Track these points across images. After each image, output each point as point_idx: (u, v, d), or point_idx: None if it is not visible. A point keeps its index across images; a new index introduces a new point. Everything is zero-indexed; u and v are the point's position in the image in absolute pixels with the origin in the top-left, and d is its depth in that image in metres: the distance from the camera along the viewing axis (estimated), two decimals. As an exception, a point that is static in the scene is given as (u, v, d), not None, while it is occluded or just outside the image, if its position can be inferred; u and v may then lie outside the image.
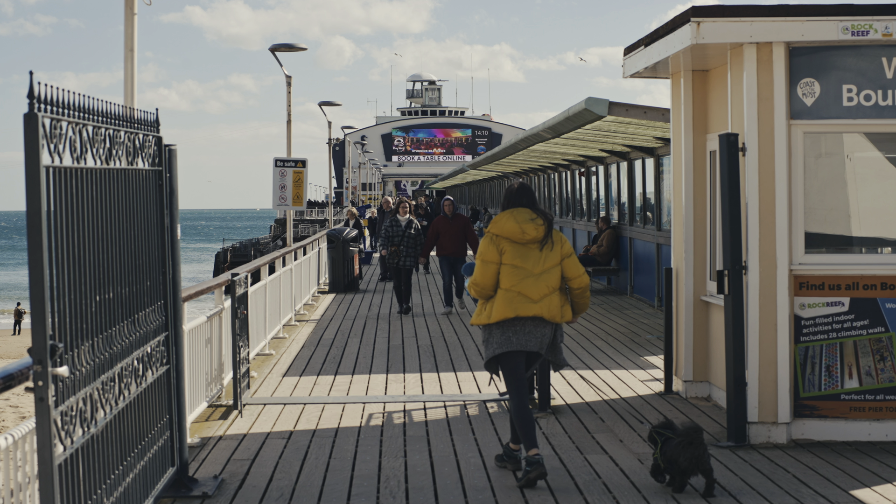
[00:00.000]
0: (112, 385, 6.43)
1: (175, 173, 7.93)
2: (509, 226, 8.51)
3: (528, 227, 8.48)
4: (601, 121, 16.47)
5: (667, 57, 10.68)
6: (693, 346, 11.76)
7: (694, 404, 11.40)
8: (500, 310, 8.46)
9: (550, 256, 8.52)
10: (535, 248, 8.50)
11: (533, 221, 8.51)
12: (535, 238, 8.50)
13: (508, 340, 8.51)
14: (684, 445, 8.02)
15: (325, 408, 11.52)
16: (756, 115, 9.66)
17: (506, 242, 8.52)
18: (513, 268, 8.46)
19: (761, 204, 9.66)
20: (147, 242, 7.35)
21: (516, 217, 8.53)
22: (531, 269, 8.47)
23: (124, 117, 6.83)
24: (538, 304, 8.45)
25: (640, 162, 22.42)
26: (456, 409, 11.28)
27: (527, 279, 8.45)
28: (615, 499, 7.99)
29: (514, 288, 8.45)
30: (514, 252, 8.49)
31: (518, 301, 8.44)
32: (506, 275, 8.47)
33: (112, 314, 6.48)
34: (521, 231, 8.48)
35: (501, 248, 8.52)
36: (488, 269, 8.50)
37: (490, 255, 8.52)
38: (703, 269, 11.75)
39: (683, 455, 8.00)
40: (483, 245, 8.60)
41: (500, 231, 8.53)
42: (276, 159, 23.52)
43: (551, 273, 8.50)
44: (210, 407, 11.50)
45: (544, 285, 8.46)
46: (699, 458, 7.97)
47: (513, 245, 8.50)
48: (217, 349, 11.78)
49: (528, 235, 8.48)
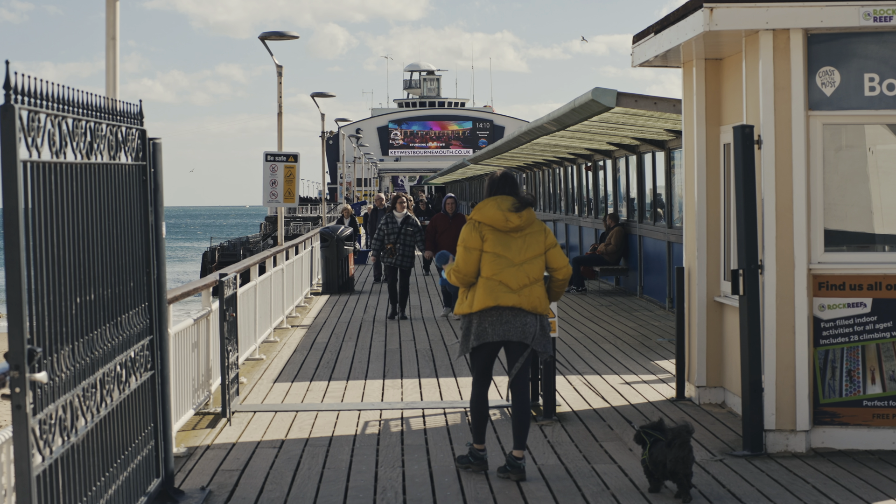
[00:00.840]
0: (93, 392, 6.42)
1: (160, 168, 7.92)
2: (493, 213, 8.84)
3: (511, 216, 8.81)
4: (609, 112, 16.45)
5: (678, 45, 10.67)
6: (706, 349, 11.75)
7: (707, 411, 11.40)
8: (481, 298, 8.81)
9: (533, 246, 8.87)
10: (517, 237, 8.85)
11: (517, 210, 8.83)
12: (519, 227, 8.84)
13: (485, 332, 8.86)
14: (670, 446, 8.22)
15: (318, 415, 11.51)
16: (772, 106, 9.65)
17: (488, 230, 8.86)
18: (494, 256, 8.81)
19: (778, 199, 9.66)
20: (130, 241, 7.34)
21: (500, 205, 8.86)
22: (512, 259, 8.81)
23: (106, 109, 6.83)
24: (517, 293, 8.79)
25: (650, 156, 22.42)
26: (456, 417, 11.27)
27: (507, 268, 8.79)
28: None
29: (494, 277, 8.79)
30: (495, 240, 8.83)
31: (498, 290, 8.78)
32: (487, 263, 8.82)
33: (93, 317, 6.47)
34: (505, 219, 8.81)
35: (484, 235, 8.85)
36: (471, 255, 8.84)
37: (473, 241, 8.86)
38: (716, 269, 11.75)
39: (668, 456, 8.19)
40: (465, 232, 8.92)
41: (483, 218, 8.86)
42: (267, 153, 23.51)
43: (533, 263, 8.85)
44: (197, 415, 11.49)
45: (524, 275, 8.80)
46: (684, 460, 8.15)
47: (495, 233, 8.84)
48: (204, 354, 11.77)
49: (512, 224, 8.82)
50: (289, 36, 24.08)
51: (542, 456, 9.63)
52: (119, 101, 7.15)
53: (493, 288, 8.79)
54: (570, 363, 14.68)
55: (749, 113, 10.11)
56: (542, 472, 9.10)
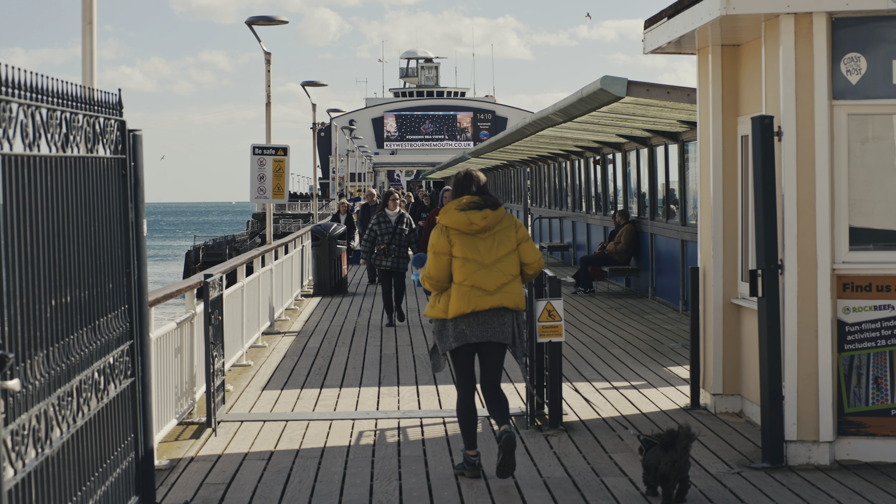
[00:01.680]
0: (69, 400, 6.39)
1: (140, 162, 7.89)
2: (456, 217, 9.16)
3: (475, 218, 9.14)
4: (619, 102, 16.44)
5: (693, 30, 10.64)
6: (723, 355, 11.73)
7: (724, 420, 11.38)
8: (456, 305, 9.11)
9: (504, 243, 9.18)
10: (485, 238, 9.16)
11: (481, 211, 9.15)
12: (485, 228, 9.15)
13: (462, 334, 9.15)
14: (664, 449, 8.35)
15: (309, 425, 11.50)
16: (794, 95, 9.62)
17: (455, 234, 9.18)
18: (464, 261, 9.12)
19: (799, 195, 9.63)
20: (109, 240, 7.31)
21: (463, 207, 9.18)
22: (482, 261, 9.12)
23: (83, 99, 6.79)
24: (494, 295, 9.10)
25: (662, 148, 22.40)
26: (456, 427, 11.25)
27: (479, 271, 9.10)
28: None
29: (466, 282, 9.10)
30: (463, 244, 9.14)
31: (473, 295, 9.09)
32: (457, 268, 9.13)
33: (70, 320, 6.44)
34: (469, 222, 9.14)
35: (451, 239, 9.17)
36: (440, 260, 9.16)
37: (441, 246, 9.18)
38: (733, 269, 11.73)
39: (663, 460, 8.31)
40: (433, 236, 9.24)
41: (449, 222, 9.19)
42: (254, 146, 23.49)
43: (506, 261, 9.16)
44: (180, 424, 11.47)
45: (499, 274, 9.12)
46: (678, 463, 8.28)
47: (462, 236, 9.16)
48: (188, 360, 11.76)
49: (476, 226, 9.14)
50: (278, 21, 24.07)
51: (547, 468, 9.60)
52: (97, 90, 7.12)
53: (466, 293, 9.08)
54: (577, 369, 14.65)
55: (769, 102, 10.08)
56: (548, 484, 9.08)
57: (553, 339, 11.00)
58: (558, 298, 11.00)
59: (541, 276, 11.29)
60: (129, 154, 7.75)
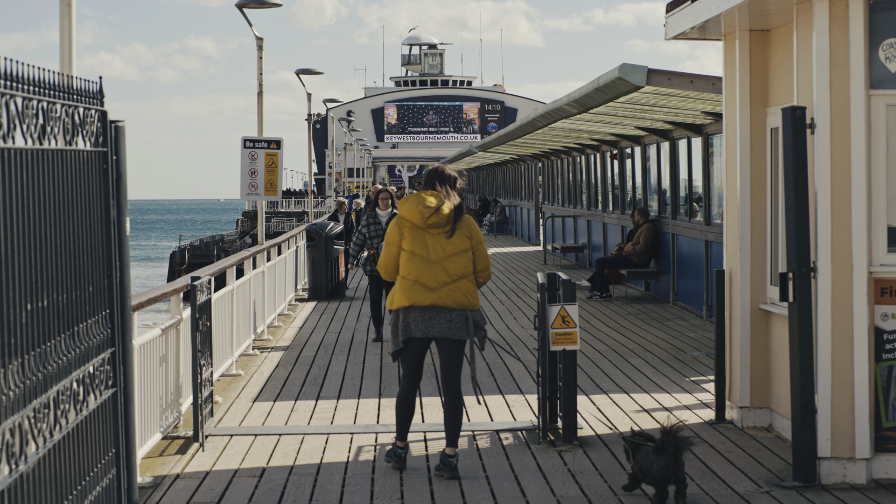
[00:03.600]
0: (46, 412, 6.38)
1: (123, 155, 7.89)
2: (412, 209, 9.95)
3: (426, 212, 9.91)
4: (638, 92, 16.44)
5: (719, 14, 10.64)
6: (750, 365, 11.72)
7: (752, 436, 11.37)
8: (398, 298, 9.98)
9: (455, 243, 9.95)
10: (436, 235, 9.95)
11: (435, 207, 9.91)
12: (436, 223, 9.92)
13: (408, 328, 9.97)
14: (657, 452, 8.77)
15: (304, 439, 11.50)
16: (828, 84, 9.61)
17: (408, 226, 9.99)
18: (410, 255, 9.93)
19: (834, 192, 9.62)
20: (89, 239, 7.31)
21: (419, 200, 9.94)
22: (428, 257, 9.90)
23: (61, 87, 6.79)
24: (435, 292, 9.88)
25: (684, 142, 22.40)
26: (463, 441, 11.25)
27: (423, 267, 9.90)
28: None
29: (409, 276, 9.92)
30: (413, 238, 9.94)
31: (414, 290, 9.90)
32: (403, 261, 9.98)
33: (47, 326, 6.44)
34: (421, 216, 9.90)
35: (403, 231, 9.98)
36: (390, 251, 10.05)
37: (392, 237, 10.05)
38: (762, 272, 11.72)
39: (656, 463, 8.75)
40: (390, 227, 10.10)
41: (404, 214, 10.00)
42: (245, 139, 23.50)
43: (453, 261, 9.91)
44: (165, 439, 11.48)
45: (443, 273, 9.89)
46: (672, 466, 8.70)
47: (413, 230, 9.96)
48: (174, 369, 11.75)
49: (427, 221, 9.89)
50: (270, 3, 24.08)
51: (561, 486, 9.60)
52: (76, 78, 7.12)
53: (408, 288, 9.91)
54: (593, 380, 14.65)
55: (801, 92, 10.08)
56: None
57: (567, 347, 11.00)
58: (573, 303, 11.00)
59: (554, 280, 11.29)
60: (110, 147, 7.74)
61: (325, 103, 62.56)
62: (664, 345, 17.70)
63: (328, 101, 61.94)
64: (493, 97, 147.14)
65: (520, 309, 23.26)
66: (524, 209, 50.44)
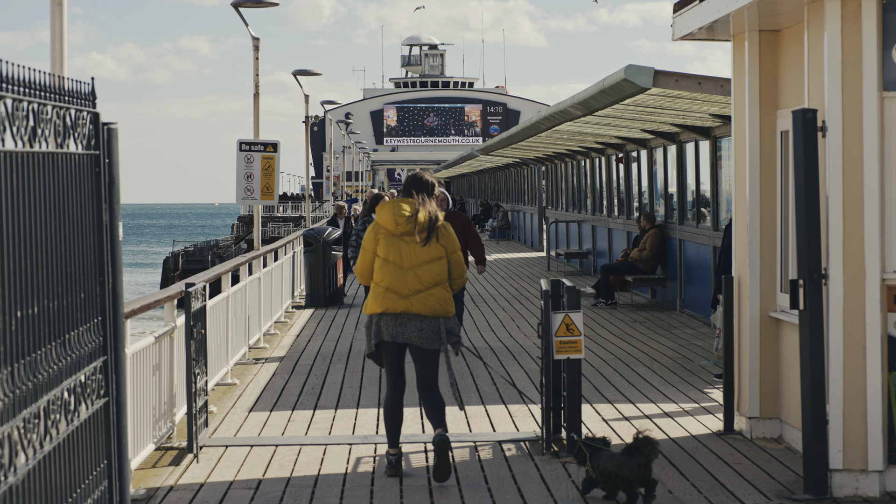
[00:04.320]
0: (36, 423, 6.37)
1: (116, 158, 7.88)
2: (387, 216, 10.28)
3: (400, 219, 10.22)
4: (644, 94, 16.43)
5: (728, 14, 10.63)
6: (759, 374, 11.71)
7: (761, 447, 11.36)
8: (371, 304, 10.33)
9: (429, 251, 10.24)
10: (410, 242, 10.23)
11: (408, 215, 10.22)
12: (408, 231, 10.22)
13: (380, 331, 10.30)
14: (628, 454, 9.16)
15: (301, 450, 11.49)
16: (840, 86, 9.60)
17: (383, 233, 10.30)
18: (384, 262, 10.25)
19: (846, 196, 9.61)
20: (81, 245, 7.29)
21: (394, 208, 10.26)
22: (401, 264, 10.21)
23: (52, 88, 6.78)
24: (407, 299, 10.19)
25: (692, 145, 22.39)
26: (465, 452, 11.24)
27: (395, 274, 10.20)
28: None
29: (382, 283, 10.24)
30: (387, 245, 10.25)
31: (386, 297, 10.22)
32: (377, 268, 10.30)
33: (37, 334, 6.42)
34: (394, 222, 10.22)
35: (378, 238, 10.31)
36: (365, 256, 10.38)
37: (368, 243, 10.37)
38: (771, 279, 11.71)
39: (627, 464, 9.13)
40: (367, 232, 10.40)
41: (379, 220, 10.34)
42: (241, 142, 23.50)
43: (426, 268, 10.21)
44: (158, 450, 11.46)
45: (416, 280, 10.19)
46: (644, 468, 9.10)
47: (388, 237, 10.27)
48: (167, 378, 11.74)
49: (401, 228, 10.22)
50: (266, 3, 24.09)
51: (565, 499, 9.59)
52: (67, 79, 7.11)
53: (381, 294, 10.24)
54: (598, 389, 14.64)
55: (812, 95, 10.07)
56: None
57: (571, 355, 10.99)
58: (577, 311, 10.99)
59: (558, 287, 11.28)
60: (102, 150, 7.73)
61: (322, 105, 62.60)
62: (671, 353, 17.69)
63: (326, 102, 61.98)
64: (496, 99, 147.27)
65: (523, 317, 23.26)
66: (527, 214, 50.43)
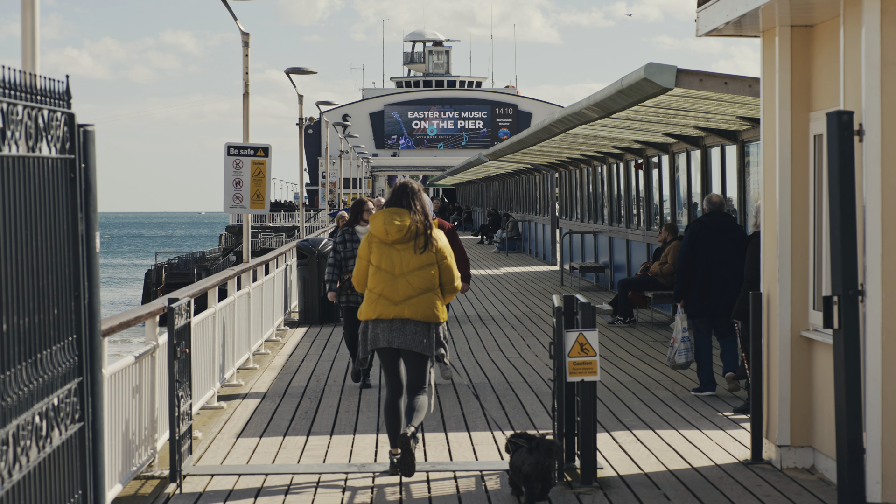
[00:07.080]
0: (5, 450, 6.36)
1: (92, 163, 7.88)
2: (378, 225, 11.33)
3: (391, 228, 11.24)
4: (666, 95, 16.45)
5: (757, 7, 10.63)
6: (790, 398, 11.70)
7: (792, 478, 11.34)
8: (364, 310, 11.45)
9: (420, 258, 11.29)
10: (401, 250, 11.30)
11: (397, 223, 11.24)
12: (398, 239, 11.27)
13: (376, 338, 11.41)
14: (529, 451, 9.98)
15: (293, 479, 11.49)
16: (878, 87, 9.60)
17: (376, 242, 11.37)
18: (377, 269, 11.33)
19: (884, 206, 9.60)
20: (55, 256, 7.29)
21: (385, 217, 11.29)
22: (393, 271, 11.28)
23: (23, 86, 6.78)
24: (399, 305, 11.28)
25: (717, 150, 22.40)
26: (470, 482, 11.24)
27: (387, 281, 11.29)
28: None
29: (375, 290, 11.35)
30: (379, 253, 11.33)
31: (379, 303, 11.32)
32: (370, 275, 11.39)
33: (6, 353, 6.42)
34: (385, 231, 11.26)
35: (371, 246, 11.39)
36: (361, 264, 11.49)
37: (363, 251, 11.46)
38: (803, 295, 11.70)
39: (527, 461, 9.92)
40: (362, 241, 11.57)
41: (371, 229, 11.41)
42: (229, 146, 23.52)
43: (417, 274, 11.28)
44: (138, 479, 11.46)
45: (407, 286, 11.26)
46: (542, 465, 9.93)
47: (380, 245, 11.35)
48: (148, 401, 11.73)
49: (391, 236, 11.27)
50: (258, -4, 24.10)
51: (580, 534, 9.56)
52: (39, 77, 7.11)
53: (374, 301, 11.35)
54: (615, 414, 14.62)
55: (848, 95, 10.06)
56: (581, 555, 9.05)
57: (586, 377, 10.98)
58: (592, 329, 10.97)
59: (571, 303, 11.27)
60: (78, 154, 7.73)
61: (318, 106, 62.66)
62: (693, 375, 17.66)
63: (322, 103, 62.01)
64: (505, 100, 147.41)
65: (534, 335, 23.25)
66: (539, 224, 50.45)
